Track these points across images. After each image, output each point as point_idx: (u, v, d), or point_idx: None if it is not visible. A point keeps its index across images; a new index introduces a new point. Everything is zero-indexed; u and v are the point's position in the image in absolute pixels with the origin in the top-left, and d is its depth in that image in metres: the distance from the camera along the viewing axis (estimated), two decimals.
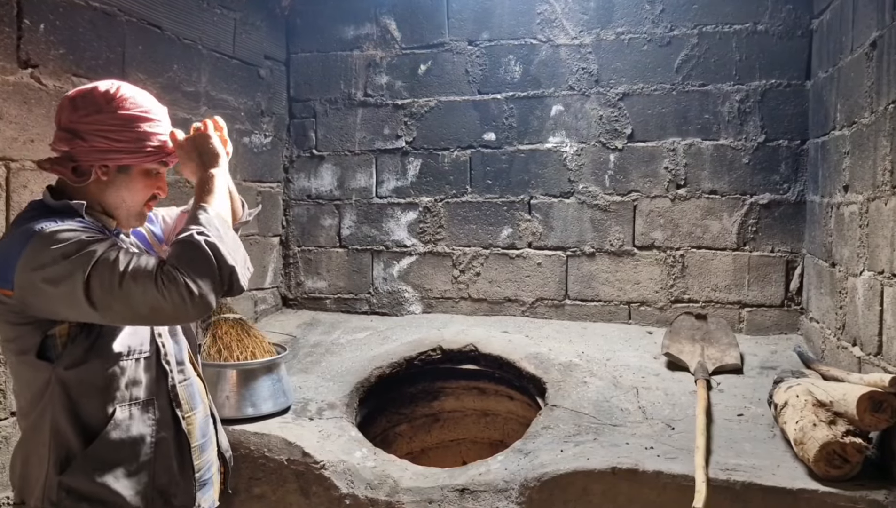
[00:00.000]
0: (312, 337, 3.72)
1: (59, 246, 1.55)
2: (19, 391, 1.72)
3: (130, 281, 1.53)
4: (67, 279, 1.53)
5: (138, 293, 1.53)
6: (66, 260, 1.54)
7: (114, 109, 1.70)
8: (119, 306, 1.55)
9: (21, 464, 1.72)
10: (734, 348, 3.26)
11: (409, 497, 2.52)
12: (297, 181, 4.19)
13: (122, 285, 1.52)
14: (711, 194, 3.62)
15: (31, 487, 1.68)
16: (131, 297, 1.53)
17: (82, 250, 1.55)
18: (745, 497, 2.21)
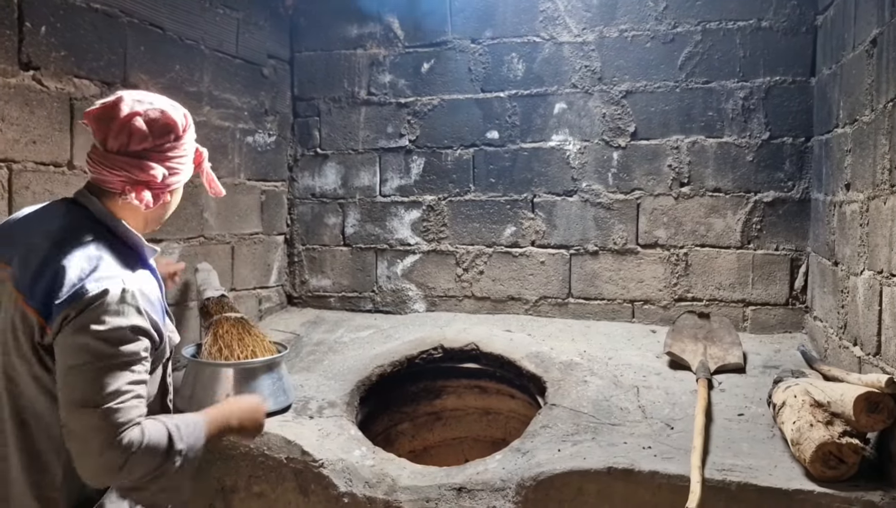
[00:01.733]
0: (316, 335, 3.74)
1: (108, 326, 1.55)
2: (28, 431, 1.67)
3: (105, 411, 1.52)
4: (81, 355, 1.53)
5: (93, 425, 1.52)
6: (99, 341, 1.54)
7: (187, 137, 1.78)
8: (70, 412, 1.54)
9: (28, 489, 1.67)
10: (737, 347, 3.24)
11: (407, 495, 2.54)
12: (302, 180, 4.21)
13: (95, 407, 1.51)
14: (715, 191, 3.60)
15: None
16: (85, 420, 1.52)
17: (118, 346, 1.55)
18: (740, 497, 2.20)
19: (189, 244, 3.37)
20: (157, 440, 1.59)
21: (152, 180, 1.69)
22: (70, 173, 2.72)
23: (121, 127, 1.66)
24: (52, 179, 2.65)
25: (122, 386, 1.55)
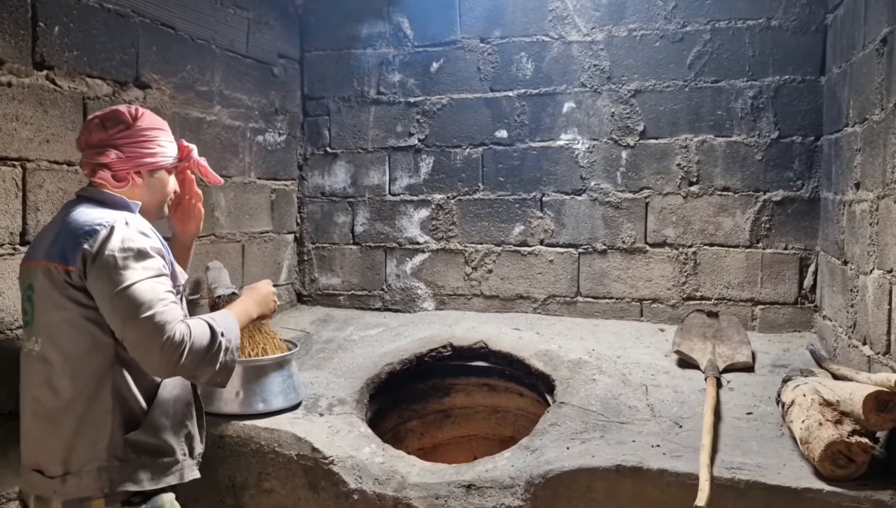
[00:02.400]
0: (326, 333, 3.76)
1: (124, 248, 1.88)
2: (75, 368, 1.91)
3: (152, 317, 1.83)
4: (116, 275, 1.85)
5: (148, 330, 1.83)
6: (124, 263, 1.87)
7: (138, 124, 2.10)
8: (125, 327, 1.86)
9: (70, 435, 1.91)
10: (746, 345, 3.24)
11: (416, 492, 2.55)
12: (311, 179, 4.23)
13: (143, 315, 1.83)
14: (724, 190, 3.60)
15: (85, 451, 1.91)
16: (141, 328, 1.83)
17: (140, 262, 1.89)
18: (748, 495, 2.21)
19: (200, 242, 3.39)
20: (202, 331, 1.92)
21: (110, 162, 2.05)
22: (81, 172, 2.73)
23: (84, 128, 2.11)
24: (65, 177, 2.67)
25: (158, 294, 1.87)
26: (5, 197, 2.45)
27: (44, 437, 1.95)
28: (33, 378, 1.96)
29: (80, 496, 1.91)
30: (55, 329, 1.92)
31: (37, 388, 1.95)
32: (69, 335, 1.91)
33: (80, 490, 1.91)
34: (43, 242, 2.00)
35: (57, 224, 2.01)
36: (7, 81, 2.43)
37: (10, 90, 2.44)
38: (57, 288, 1.90)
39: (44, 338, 1.94)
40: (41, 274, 1.94)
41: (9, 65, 2.44)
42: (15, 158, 2.48)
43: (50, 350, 1.93)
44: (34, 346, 1.96)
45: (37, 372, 1.96)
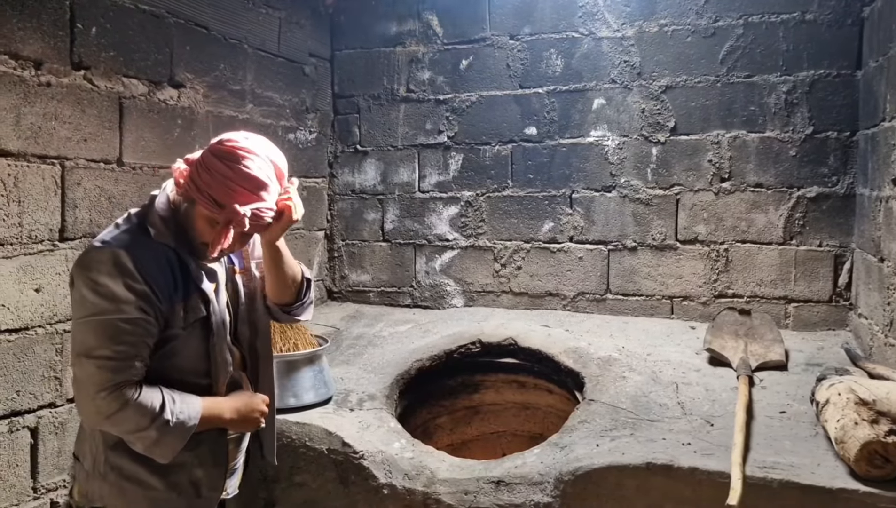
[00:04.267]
0: (356, 329, 3.79)
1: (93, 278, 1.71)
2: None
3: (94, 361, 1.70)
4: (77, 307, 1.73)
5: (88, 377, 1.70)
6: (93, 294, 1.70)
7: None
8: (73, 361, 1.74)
9: (81, 435, 1.92)
10: (779, 344, 3.20)
11: (446, 487, 2.56)
12: (342, 176, 4.26)
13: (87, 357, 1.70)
14: (757, 187, 3.56)
15: (84, 457, 1.89)
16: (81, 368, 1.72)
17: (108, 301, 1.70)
18: (782, 495, 2.18)
19: None
20: (148, 404, 1.73)
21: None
22: (119, 170, 2.80)
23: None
24: (102, 175, 2.73)
25: (118, 344, 1.70)
26: (45, 194, 2.51)
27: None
28: None
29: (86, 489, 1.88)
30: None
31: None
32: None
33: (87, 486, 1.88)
34: None
35: None
36: (46, 80, 2.49)
37: (49, 90, 2.50)
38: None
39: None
40: None
41: (48, 65, 2.50)
42: (54, 157, 2.54)
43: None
44: None
45: None
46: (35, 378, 2.49)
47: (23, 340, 2.45)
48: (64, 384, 2.59)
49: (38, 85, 2.46)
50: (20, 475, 2.46)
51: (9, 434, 2.41)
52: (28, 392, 2.47)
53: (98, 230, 2.64)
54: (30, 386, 2.47)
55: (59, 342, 2.57)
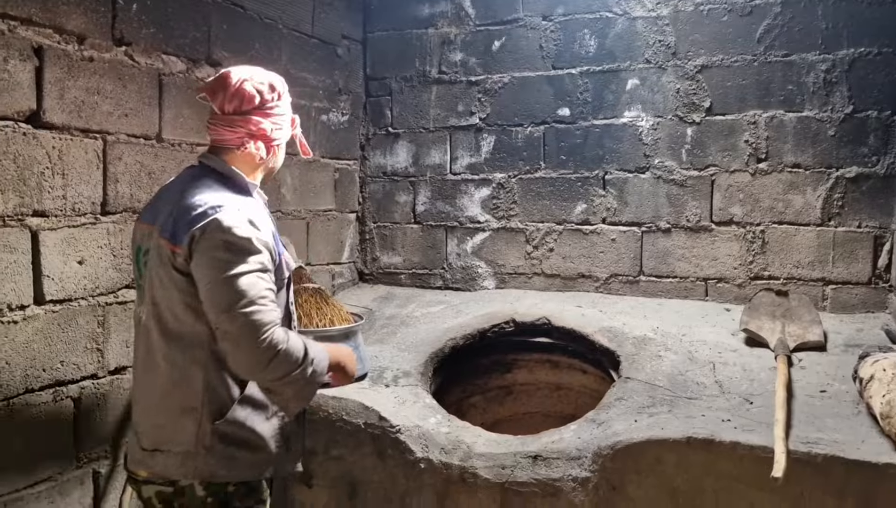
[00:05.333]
0: (388, 310, 3.80)
1: (232, 237, 1.78)
2: (171, 350, 1.86)
3: (251, 313, 1.74)
4: (220, 263, 1.76)
5: (244, 324, 1.73)
6: (229, 253, 1.77)
7: (286, 97, 2.05)
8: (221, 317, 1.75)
9: (163, 413, 1.88)
10: (817, 325, 3.16)
11: (483, 462, 2.57)
12: (373, 158, 4.27)
13: (241, 309, 1.73)
14: (794, 167, 3.51)
15: (174, 433, 1.86)
16: (236, 321, 1.74)
17: (246, 256, 1.78)
18: (826, 469, 2.16)
19: None
20: (296, 347, 1.80)
21: (263, 133, 1.96)
22: (158, 146, 2.83)
23: (234, 92, 1.93)
24: (142, 151, 2.76)
25: (259, 291, 1.77)
26: (88, 168, 2.54)
27: (144, 407, 1.94)
28: (139, 346, 1.95)
29: (164, 475, 1.88)
30: (159, 305, 1.87)
31: (141, 357, 1.94)
32: (169, 314, 1.86)
33: (166, 469, 1.87)
34: (163, 208, 1.92)
35: (175, 193, 1.92)
36: (89, 55, 2.52)
37: (91, 65, 2.53)
38: (164, 265, 1.84)
39: (148, 310, 1.90)
40: (154, 244, 1.88)
41: (90, 40, 2.53)
42: (96, 131, 2.57)
43: (152, 324, 1.89)
44: (141, 313, 1.93)
45: (141, 341, 1.94)
46: (78, 349, 2.53)
47: (66, 311, 2.48)
48: (105, 356, 2.63)
49: (82, 60, 2.49)
50: (64, 443, 2.50)
51: (53, 404, 2.45)
52: (71, 363, 2.51)
53: (138, 205, 2.68)
54: (73, 357, 2.51)
55: (100, 314, 2.60)
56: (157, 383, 1.88)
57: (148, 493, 1.92)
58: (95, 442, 2.60)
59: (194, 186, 1.90)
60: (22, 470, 2.35)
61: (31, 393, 2.37)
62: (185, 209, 1.83)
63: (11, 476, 2.31)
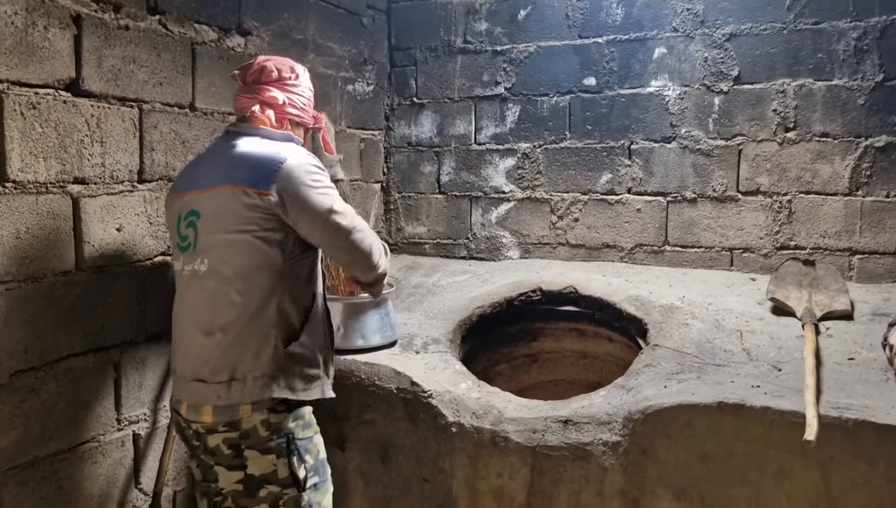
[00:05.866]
0: (414, 279, 3.83)
1: (315, 173, 2.14)
2: (248, 284, 2.09)
3: (362, 228, 2.24)
4: (319, 200, 2.11)
5: (366, 240, 2.24)
6: (322, 186, 2.13)
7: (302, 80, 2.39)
8: (342, 237, 2.17)
9: (239, 346, 2.10)
10: (844, 294, 3.17)
11: (514, 426, 2.61)
12: (398, 129, 4.28)
13: (359, 227, 2.21)
14: (823, 136, 3.49)
15: (251, 360, 2.10)
16: (362, 238, 2.22)
17: (330, 186, 2.18)
18: (857, 434, 2.19)
19: None
20: (386, 249, 2.39)
21: (275, 101, 2.27)
22: (192, 115, 2.85)
23: (257, 68, 2.29)
24: (176, 119, 2.78)
25: (356, 215, 2.23)
26: (125, 136, 2.57)
27: (210, 348, 2.10)
28: (200, 296, 2.13)
29: (240, 401, 2.08)
30: (231, 249, 2.09)
31: (205, 304, 2.12)
32: (245, 253, 2.08)
33: (244, 395, 2.08)
34: (208, 172, 2.16)
35: (222, 155, 2.18)
36: (125, 24, 2.54)
37: (127, 33, 2.55)
38: (240, 210, 2.07)
39: (214, 257, 2.11)
40: (219, 198, 2.10)
41: (126, 9, 2.55)
42: (132, 99, 2.60)
43: (222, 268, 2.09)
44: (200, 266, 2.12)
45: (205, 290, 2.12)
46: (117, 315, 2.58)
47: (106, 277, 2.53)
48: (143, 321, 2.68)
49: (118, 28, 2.51)
50: (105, 407, 2.56)
51: (95, 368, 2.51)
52: (111, 328, 2.56)
53: (173, 173, 2.72)
54: (112, 322, 2.56)
55: (138, 281, 2.65)
56: (232, 319, 2.08)
57: (215, 442, 2.12)
58: (135, 405, 2.67)
59: (247, 143, 2.18)
60: (67, 432, 2.41)
61: (74, 357, 2.43)
62: (259, 159, 2.11)
63: (58, 437, 2.38)
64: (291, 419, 2.17)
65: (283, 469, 2.14)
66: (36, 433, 2.30)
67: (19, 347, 2.23)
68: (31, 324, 2.27)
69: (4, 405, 2.20)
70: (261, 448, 2.13)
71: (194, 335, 2.14)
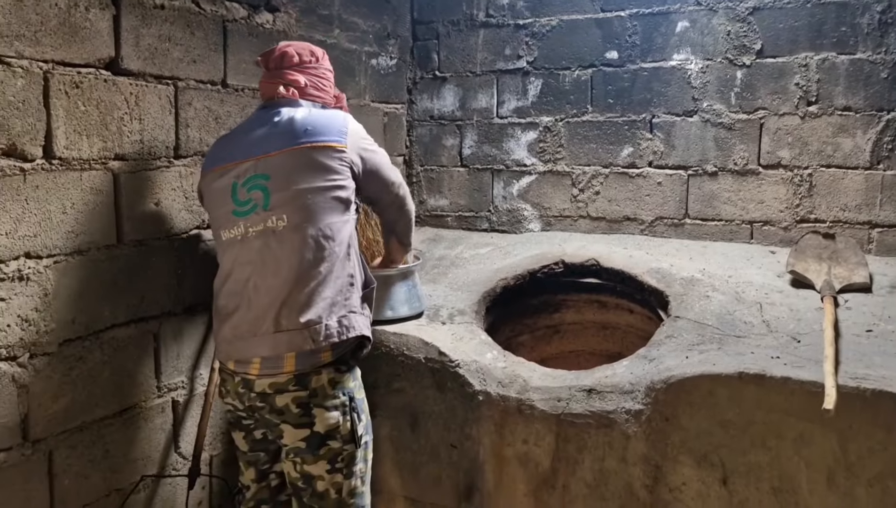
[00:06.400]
0: (437, 251, 3.91)
1: (369, 137, 2.50)
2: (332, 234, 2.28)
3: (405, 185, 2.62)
4: (383, 160, 2.49)
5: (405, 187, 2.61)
6: (378, 149, 2.50)
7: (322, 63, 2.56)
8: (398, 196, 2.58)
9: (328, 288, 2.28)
10: (863, 267, 3.21)
11: (539, 395, 2.70)
12: (421, 102, 4.33)
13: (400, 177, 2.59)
14: (845, 110, 3.51)
15: (339, 303, 2.30)
16: (404, 186, 2.60)
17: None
18: (875, 403, 2.25)
19: None
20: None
21: (297, 83, 2.43)
22: (224, 92, 2.92)
23: (279, 55, 2.46)
24: (209, 96, 2.85)
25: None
26: (161, 113, 2.64)
27: (299, 296, 2.24)
28: (281, 250, 2.26)
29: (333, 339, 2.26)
30: (314, 203, 2.26)
31: (292, 256, 2.25)
32: (328, 206, 2.28)
33: (337, 333, 2.26)
34: (268, 139, 2.32)
35: (275, 125, 2.34)
36: (160, 3, 2.60)
37: (162, 12, 2.61)
38: (319, 166, 2.28)
39: (294, 213, 2.26)
40: (293, 159, 2.28)
41: None
42: (168, 77, 2.66)
43: (307, 221, 2.26)
44: (277, 223, 2.26)
45: (287, 243, 2.26)
46: (156, 287, 2.67)
47: (145, 251, 2.62)
48: (180, 293, 2.77)
49: (154, 7, 2.57)
50: (146, 375, 2.67)
51: (136, 338, 2.61)
52: (150, 300, 2.66)
53: (206, 149, 2.79)
54: (152, 294, 2.66)
55: (175, 254, 2.74)
56: (325, 266, 2.27)
57: (284, 401, 2.25)
58: (174, 373, 2.77)
59: (300, 113, 2.36)
60: (112, 398, 2.52)
61: (117, 328, 2.53)
62: (321, 122, 2.33)
63: (103, 404, 2.49)
64: (352, 378, 2.37)
65: (346, 427, 2.31)
66: (83, 399, 2.41)
67: (67, 317, 2.33)
68: (77, 296, 2.36)
69: (54, 373, 2.31)
70: (327, 406, 2.28)
71: (276, 288, 2.24)
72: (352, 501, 2.37)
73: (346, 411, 2.30)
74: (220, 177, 2.34)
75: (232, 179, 2.31)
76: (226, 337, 2.33)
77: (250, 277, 2.28)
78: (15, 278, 2.16)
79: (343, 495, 2.34)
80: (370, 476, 2.48)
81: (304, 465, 2.31)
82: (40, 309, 2.25)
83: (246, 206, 2.28)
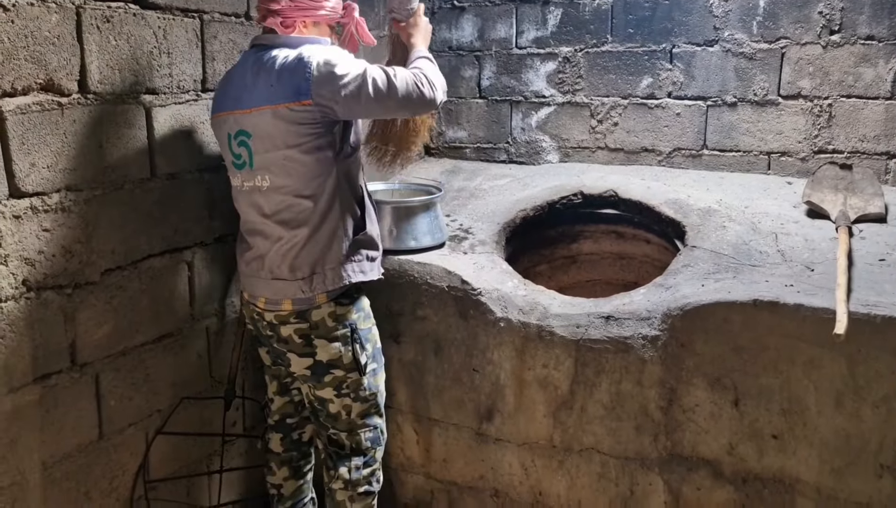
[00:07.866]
0: (456, 183, 3.96)
1: (341, 61, 2.24)
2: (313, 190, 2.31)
3: (395, 79, 2.27)
4: (356, 81, 2.22)
5: (402, 87, 2.28)
6: (352, 68, 2.24)
7: None
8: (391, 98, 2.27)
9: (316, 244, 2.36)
10: (879, 197, 3.25)
11: (558, 321, 2.80)
12: (439, 33, 4.30)
13: (392, 81, 2.27)
14: (868, 39, 3.48)
15: (331, 254, 2.38)
16: (398, 89, 2.27)
17: (354, 63, 2.26)
18: (885, 330, 2.34)
19: None
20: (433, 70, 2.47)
21: (279, 8, 2.33)
22: (247, 24, 2.93)
23: None
24: (233, 29, 2.87)
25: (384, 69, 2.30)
26: (188, 47, 2.67)
27: (287, 250, 2.35)
28: (268, 208, 2.35)
29: (321, 290, 2.38)
30: (289, 164, 2.29)
31: (276, 215, 2.35)
32: (304, 166, 2.28)
33: (325, 284, 2.38)
34: (247, 91, 2.30)
35: (255, 73, 2.30)
36: None
37: None
38: (289, 127, 2.24)
39: (273, 175, 2.31)
40: (264, 118, 2.26)
41: None
42: (194, 10, 2.68)
43: (286, 183, 2.31)
44: (261, 183, 2.33)
45: (273, 202, 2.34)
46: (189, 218, 2.76)
47: (177, 183, 2.69)
48: (211, 224, 2.86)
49: None
50: (181, 303, 2.78)
51: (171, 267, 2.71)
52: (183, 231, 2.75)
53: None
54: (184, 225, 2.75)
55: (205, 186, 2.81)
56: (306, 223, 2.33)
57: (287, 332, 2.43)
58: (206, 302, 2.89)
59: (273, 57, 2.28)
60: (151, 325, 2.64)
61: (153, 257, 2.63)
62: (284, 73, 2.22)
63: (143, 331, 2.61)
64: (354, 310, 2.48)
65: (348, 356, 2.46)
66: (124, 326, 2.53)
67: (107, 248, 2.43)
68: (115, 227, 2.45)
69: (98, 301, 2.42)
70: (328, 338, 2.43)
71: (270, 240, 2.38)
72: (362, 422, 2.57)
73: (348, 341, 2.44)
74: (220, 125, 2.44)
75: (226, 131, 2.39)
76: (242, 271, 2.55)
77: (252, 224, 2.44)
78: (58, 209, 2.25)
79: (353, 416, 2.54)
80: (384, 398, 2.66)
81: (314, 390, 2.51)
82: (82, 240, 2.34)
83: (239, 160, 2.38)
